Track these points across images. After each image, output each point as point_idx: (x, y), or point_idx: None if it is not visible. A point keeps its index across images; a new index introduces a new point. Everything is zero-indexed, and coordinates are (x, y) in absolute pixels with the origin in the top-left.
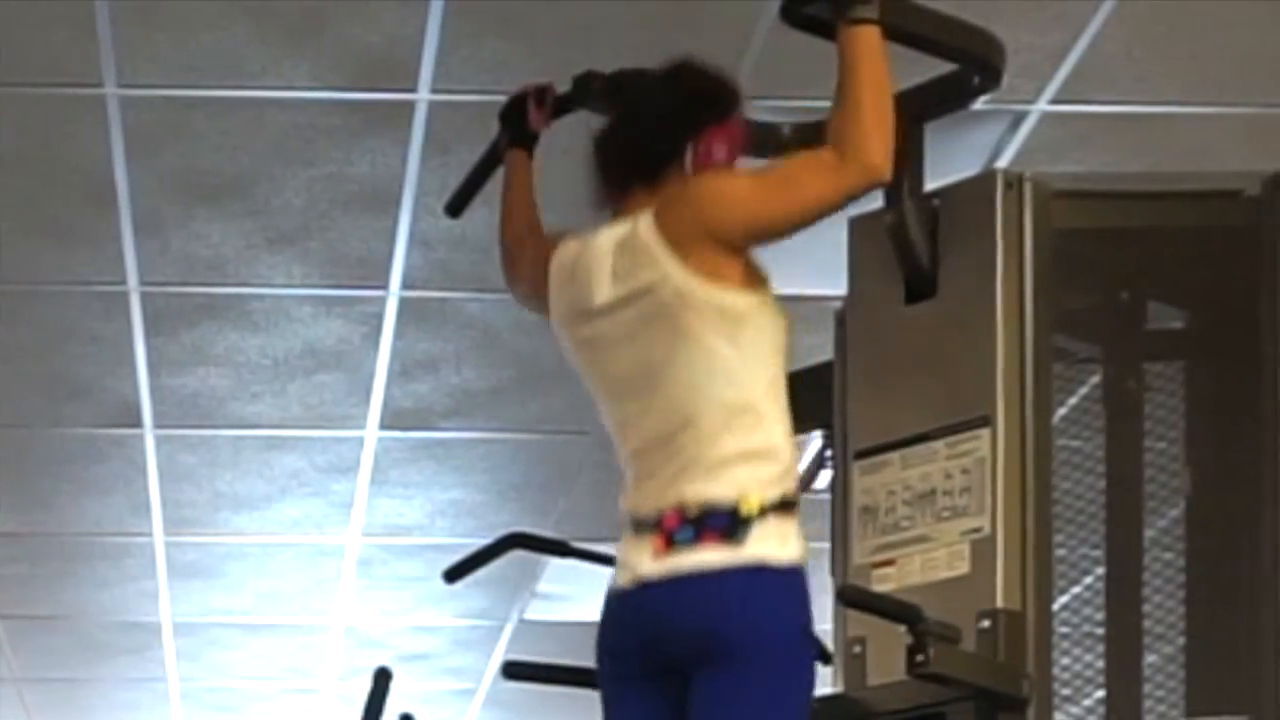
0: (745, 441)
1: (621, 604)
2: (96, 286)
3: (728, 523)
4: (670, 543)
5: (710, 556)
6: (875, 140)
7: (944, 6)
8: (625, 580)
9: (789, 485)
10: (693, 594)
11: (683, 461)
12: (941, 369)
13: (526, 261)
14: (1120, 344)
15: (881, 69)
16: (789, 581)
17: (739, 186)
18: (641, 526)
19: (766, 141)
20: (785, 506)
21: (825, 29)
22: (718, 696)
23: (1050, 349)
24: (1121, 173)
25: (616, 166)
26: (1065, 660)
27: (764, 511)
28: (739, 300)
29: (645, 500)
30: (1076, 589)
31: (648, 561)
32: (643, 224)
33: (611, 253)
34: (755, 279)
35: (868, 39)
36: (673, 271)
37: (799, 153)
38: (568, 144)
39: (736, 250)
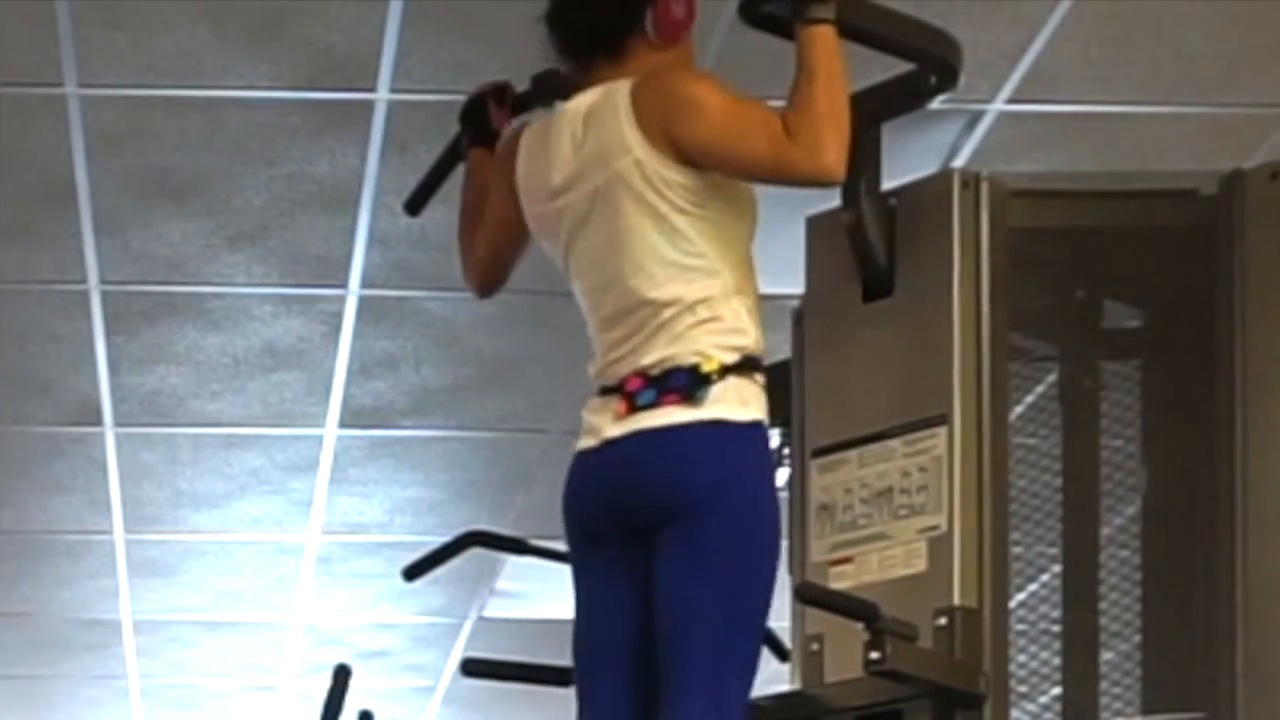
0: (707, 309)
1: (586, 465)
2: (57, 285)
3: (688, 382)
4: (633, 405)
5: (671, 415)
6: (829, 141)
7: (901, 6)
8: (589, 442)
9: (750, 347)
10: (654, 449)
11: (647, 331)
12: (899, 368)
13: (486, 244)
14: (1077, 342)
15: (838, 70)
16: (749, 436)
17: (714, 106)
18: (606, 392)
19: None
20: (745, 367)
21: (783, 28)
22: (681, 549)
23: (1007, 347)
24: (1078, 172)
25: (576, 44)
26: (1022, 657)
27: (724, 372)
28: (701, 175)
29: (609, 367)
30: (1033, 586)
31: (611, 424)
32: (620, 95)
33: (581, 119)
34: None
35: (824, 39)
36: (636, 145)
37: (767, 107)
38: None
39: (680, 153)
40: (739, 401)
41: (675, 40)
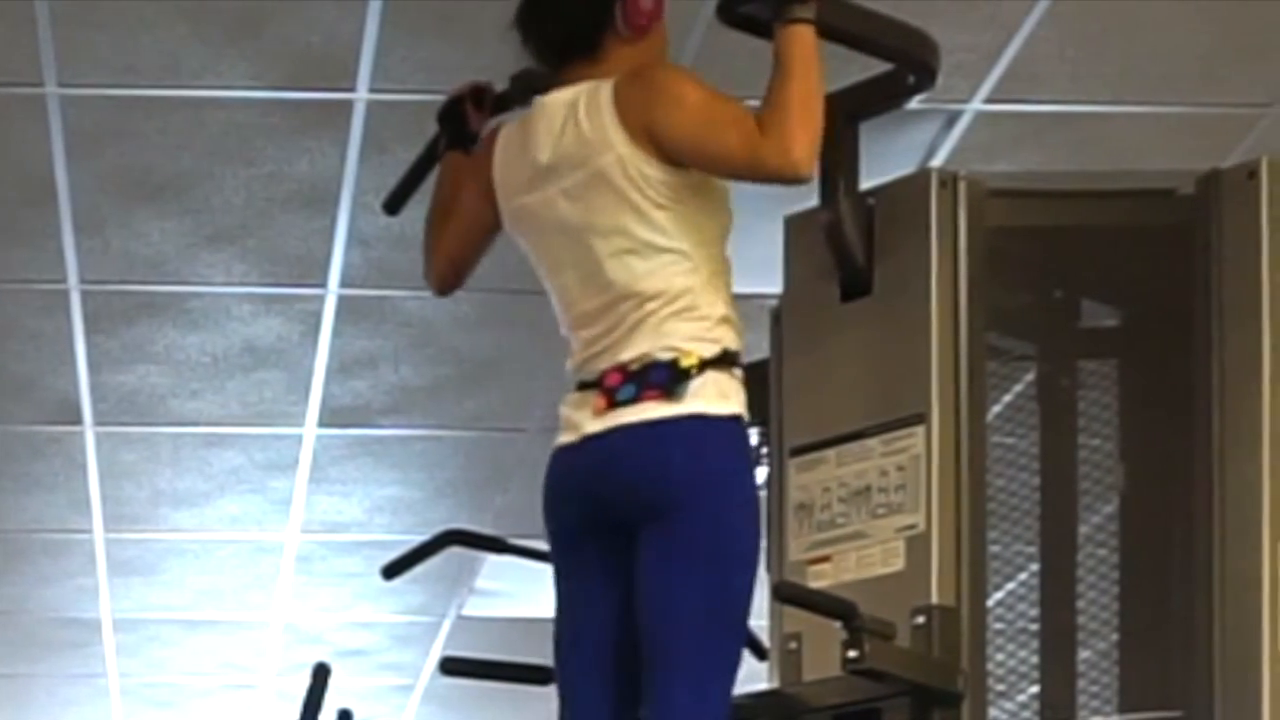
0: (686, 300)
1: (567, 461)
2: (37, 285)
3: (667, 378)
4: (612, 401)
5: (651, 410)
6: (799, 137)
7: (879, 6)
8: (569, 437)
9: (729, 341)
10: (634, 443)
11: (627, 325)
12: (877, 367)
13: (457, 244)
14: (1054, 342)
15: (814, 71)
16: (728, 430)
17: (694, 100)
18: (585, 387)
19: None
20: (724, 361)
21: (761, 28)
22: (662, 545)
23: (984, 347)
24: (1055, 171)
25: (550, 47)
26: (999, 656)
27: (703, 366)
28: (680, 173)
29: (588, 362)
30: (1011, 585)
31: (591, 419)
32: (603, 92)
33: (562, 113)
34: None
35: (803, 40)
36: (619, 142)
37: (743, 106)
38: None
39: (659, 146)
40: (718, 395)
41: (646, 32)
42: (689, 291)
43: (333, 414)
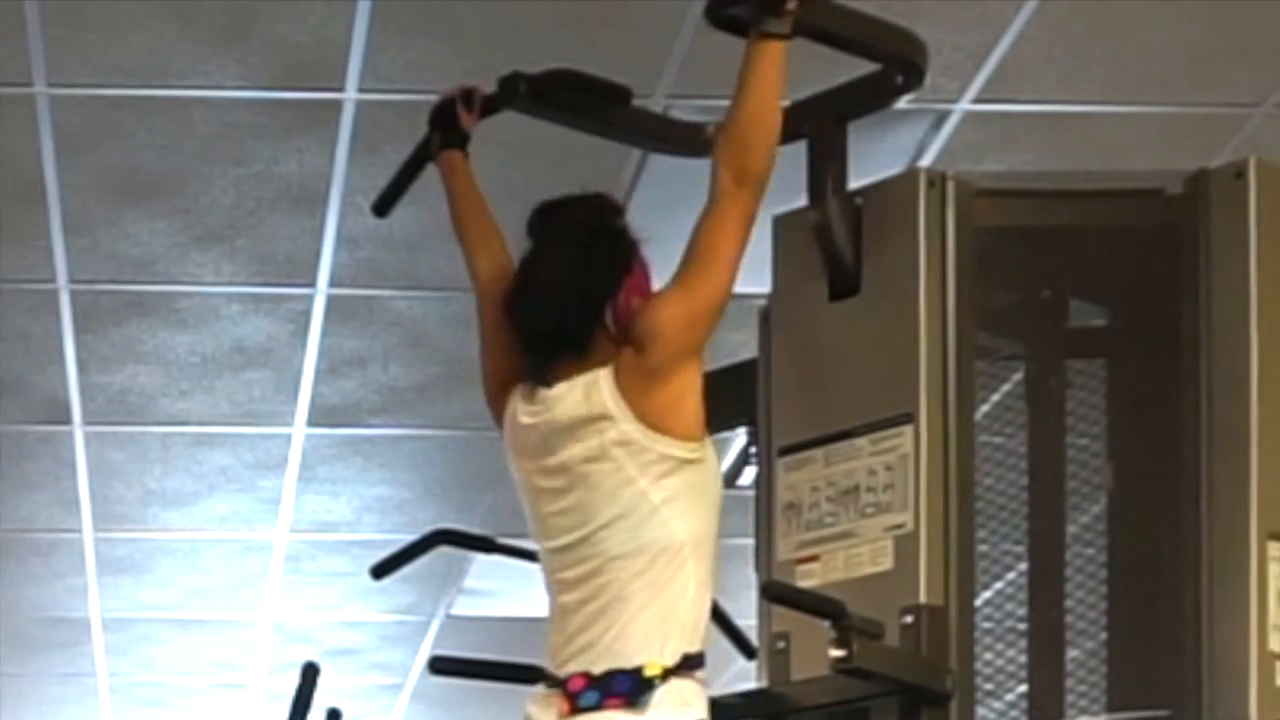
0: (662, 590)
1: None
2: (26, 284)
3: (631, 686)
4: (575, 707)
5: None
6: (753, 157)
7: (866, 6)
8: None
9: (693, 642)
10: None
11: (599, 605)
12: (865, 366)
13: (487, 250)
14: (1042, 341)
15: (773, 88)
16: None
17: (670, 309)
18: (551, 683)
19: (692, 141)
20: (688, 665)
21: (748, 30)
22: None
23: (973, 346)
24: (1044, 171)
25: (542, 342)
26: (988, 655)
27: (666, 675)
28: (681, 448)
29: (559, 650)
30: (999, 584)
31: None
32: (603, 380)
33: (561, 403)
34: (698, 426)
35: (769, 54)
36: (622, 418)
37: (697, 227)
38: (502, 139)
39: (699, 351)
40: (681, 704)
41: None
42: (668, 570)
43: (322, 413)
